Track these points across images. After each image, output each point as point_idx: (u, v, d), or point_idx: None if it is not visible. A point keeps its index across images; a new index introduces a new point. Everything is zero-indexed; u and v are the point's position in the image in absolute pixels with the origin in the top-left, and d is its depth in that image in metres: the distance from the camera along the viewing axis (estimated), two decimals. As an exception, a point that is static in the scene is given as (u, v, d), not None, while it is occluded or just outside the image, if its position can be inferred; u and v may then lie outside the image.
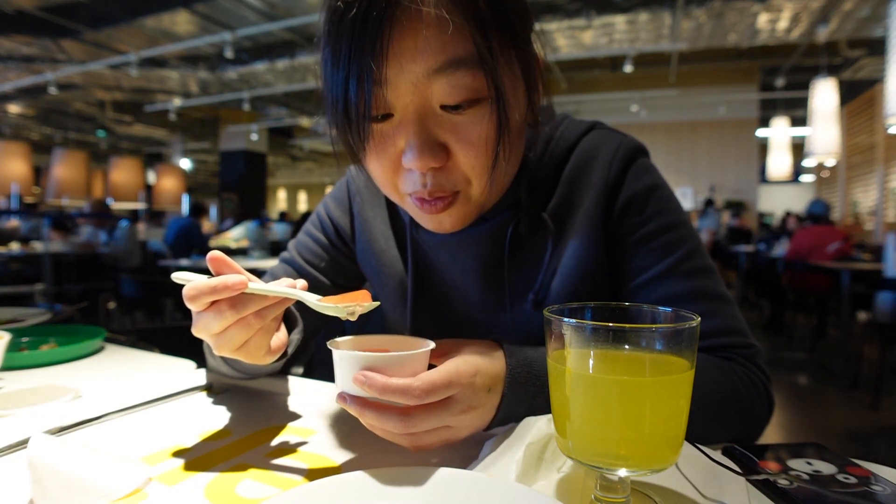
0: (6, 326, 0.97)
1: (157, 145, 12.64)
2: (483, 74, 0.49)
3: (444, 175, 0.54)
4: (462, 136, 0.52)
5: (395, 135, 0.53)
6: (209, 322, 0.46)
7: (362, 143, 0.53)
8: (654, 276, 0.63)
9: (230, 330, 0.47)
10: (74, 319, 1.28)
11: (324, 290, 0.79)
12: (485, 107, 0.51)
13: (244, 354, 0.50)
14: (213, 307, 0.46)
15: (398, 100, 0.51)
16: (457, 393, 0.46)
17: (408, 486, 0.39)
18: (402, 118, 0.52)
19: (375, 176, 0.58)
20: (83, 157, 6.36)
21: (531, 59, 0.57)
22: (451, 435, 0.48)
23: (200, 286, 0.45)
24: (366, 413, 0.45)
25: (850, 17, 5.32)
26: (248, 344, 0.49)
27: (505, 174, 0.58)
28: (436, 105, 0.51)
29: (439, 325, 0.74)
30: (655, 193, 0.65)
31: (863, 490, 0.42)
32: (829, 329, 4.94)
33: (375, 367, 0.44)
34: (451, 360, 0.48)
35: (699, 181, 9.02)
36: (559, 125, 0.70)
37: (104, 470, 0.43)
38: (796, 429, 2.84)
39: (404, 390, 0.43)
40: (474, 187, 0.56)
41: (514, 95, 0.54)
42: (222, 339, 0.47)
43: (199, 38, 6.03)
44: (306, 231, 0.82)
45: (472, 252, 0.68)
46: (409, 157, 0.51)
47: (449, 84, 0.49)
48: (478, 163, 0.53)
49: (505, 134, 0.52)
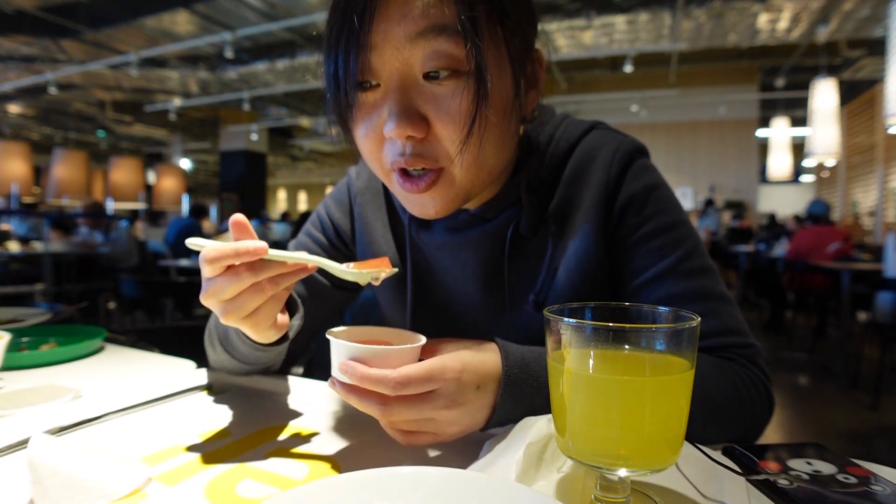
0: (6, 326, 0.97)
1: (157, 145, 12.65)
2: (464, 44, 0.50)
3: (423, 146, 0.54)
4: (441, 108, 0.52)
5: (380, 105, 0.54)
6: (223, 286, 0.47)
7: (350, 110, 0.54)
8: (653, 276, 0.63)
9: (244, 295, 0.48)
10: (74, 319, 1.28)
11: (323, 291, 0.79)
12: (465, 79, 0.52)
13: (251, 324, 0.51)
14: (230, 270, 0.47)
15: (383, 67, 0.52)
16: (440, 388, 0.47)
17: (408, 486, 0.39)
18: (386, 88, 0.53)
19: (362, 148, 0.58)
20: (83, 157, 6.36)
21: (526, 50, 0.58)
22: (436, 429, 0.49)
23: (223, 248, 0.46)
24: (350, 397, 0.47)
25: (850, 17, 5.32)
26: (257, 312, 0.50)
27: (493, 157, 0.58)
28: (418, 74, 0.52)
29: (440, 328, 0.74)
30: (655, 193, 0.65)
31: (863, 490, 0.42)
32: (829, 329, 4.94)
33: (362, 357, 0.47)
34: (438, 357, 0.48)
35: (699, 181, 9.02)
36: (559, 125, 0.70)
37: (104, 470, 0.43)
38: (796, 429, 2.84)
39: (378, 380, 0.45)
40: (455, 165, 0.55)
41: (497, 75, 0.54)
42: (233, 305, 0.48)
43: (199, 38, 6.04)
44: (306, 231, 0.82)
45: (473, 254, 0.68)
46: (389, 125, 0.52)
47: (430, 49, 0.51)
48: (456, 137, 0.53)
49: (482, 109, 0.52)
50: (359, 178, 0.79)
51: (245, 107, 8.05)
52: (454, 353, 0.49)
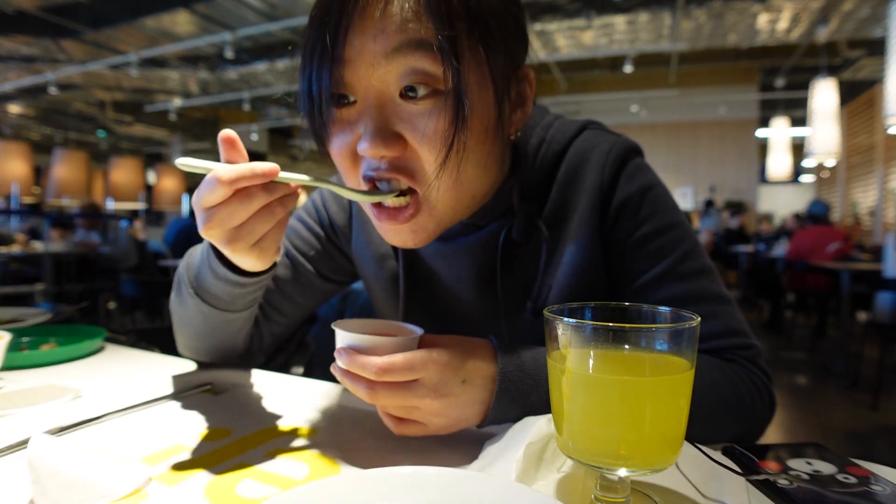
0: (6, 326, 0.97)
1: (157, 145, 12.64)
2: (441, 62, 0.48)
3: (399, 161, 0.53)
4: (417, 128, 0.51)
5: (356, 122, 0.53)
6: (234, 211, 0.47)
7: (325, 126, 0.54)
8: (651, 280, 0.62)
9: (254, 219, 0.48)
10: (74, 319, 1.28)
11: (308, 278, 0.78)
12: (443, 100, 0.50)
13: (258, 252, 0.51)
14: (242, 193, 0.46)
15: (358, 83, 0.51)
16: (422, 377, 0.48)
17: (408, 486, 0.39)
18: (362, 105, 0.52)
19: (338, 164, 0.57)
20: (83, 157, 6.35)
21: (512, 69, 0.56)
22: (423, 418, 0.50)
23: (240, 168, 0.45)
24: (343, 379, 0.50)
25: (850, 17, 5.32)
26: (266, 237, 0.50)
27: (474, 181, 0.56)
28: (395, 92, 0.51)
29: (435, 333, 0.74)
30: (650, 195, 0.64)
31: (863, 490, 0.42)
32: (829, 329, 4.94)
33: (355, 346, 0.50)
34: (426, 349, 0.50)
35: (699, 181, 9.02)
36: (550, 126, 0.68)
37: (104, 470, 0.43)
38: (796, 429, 2.84)
39: (363, 365, 0.48)
40: (433, 189, 0.53)
41: (478, 95, 0.52)
42: (244, 231, 0.48)
43: (199, 38, 6.04)
44: (298, 217, 0.80)
45: (466, 261, 0.68)
46: (363, 144, 0.51)
47: (407, 65, 0.49)
48: (432, 158, 0.51)
49: (461, 132, 0.50)
50: None
51: (245, 107, 8.04)
52: (444, 346, 0.50)
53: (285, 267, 0.77)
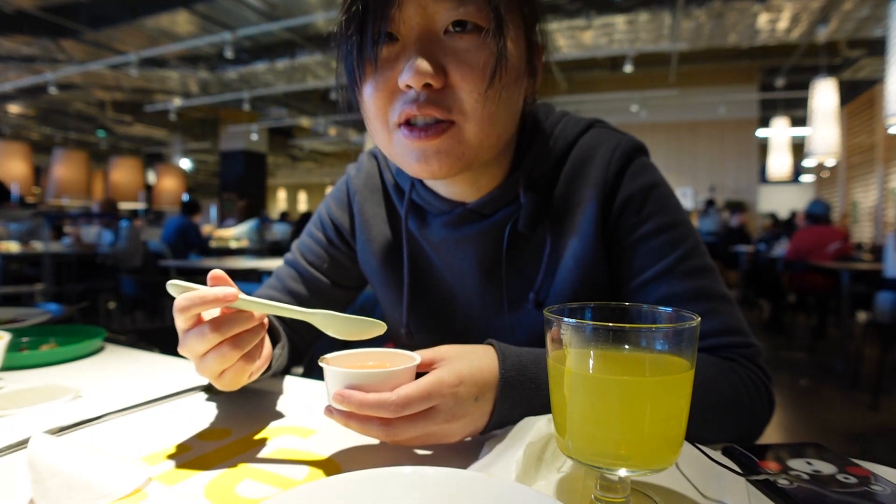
0: (6, 326, 0.97)
1: (157, 145, 12.64)
2: (486, 4, 0.52)
3: (438, 95, 0.54)
4: (461, 60, 0.53)
5: (396, 59, 0.54)
6: (192, 342, 0.47)
7: (374, 62, 0.54)
8: (653, 276, 0.63)
9: (209, 356, 0.48)
10: (74, 319, 1.28)
11: (326, 291, 0.80)
12: (485, 37, 0.53)
13: (222, 384, 0.51)
14: (198, 327, 0.47)
15: (404, 23, 0.53)
16: (439, 404, 0.47)
17: (408, 486, 0.39)
18: (405, 42, 0.54)
19: (369, 106, 0.57)
20: (83, 157, 6.36)
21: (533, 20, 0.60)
22: (437, 440, 0.50)
23: (191, 296, 0.46)
24: (350, 423, 0.47)
25: (850, 17, 5.32)
26: (224, 375, 0.50)
27: (504, 121, 0.58)
28: (439, 30, 0.53)
29: (438, 325, 0.74)
30: (654, 192, 0.65)
31: (863, 490, 0.42)
32: (829, 329, 4.94)
33: (358, 383, 0.47)
34: (434, 372, 0.48)
35: (699, 181, 9.01)
36: (558, 122, 0.70)
37: (104, 470, 0.43)
38: (796, 429, 2.84)
39: (379, 405, 0.45)
40: (469, 119, 0.55)
41: (515, 38, 0.56)
42: (203, 363, 0.48)
43: (199, 38, 6.03)
44: (308, 232, 0.83)
45: (471, 251, 0.68)
46: (407, 73, 0.52)
47: (453, 6, 0.52)
48: (474, 88, 0.53)
49: (502, 67, 0.53)
50: (357, 175, 0.79)
51: (245, 107, 8.04)
52: (450, 366, 0.49)
53: (303, 284, 0.79)
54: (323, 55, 6.34)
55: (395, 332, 0.80)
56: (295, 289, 0.78)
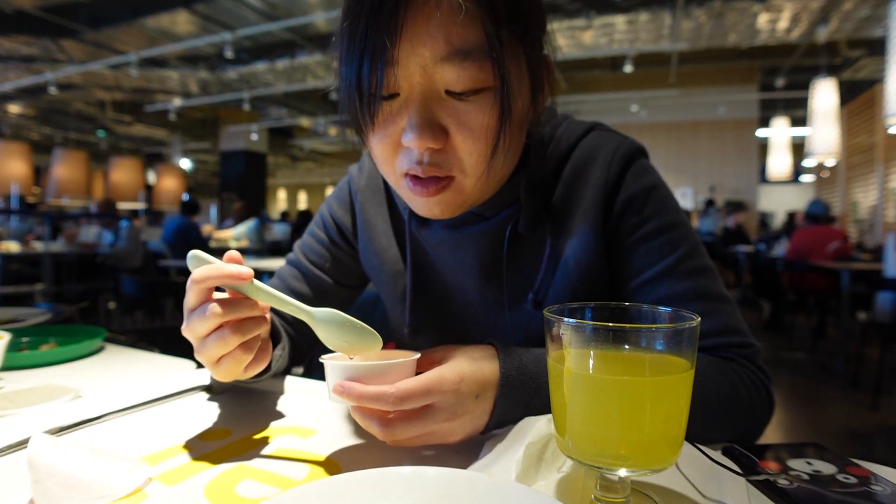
0: (6, 326, 0.97)
1: (157, 145, 12.65)
2: (490, 65, 0.50)
3: (439, 156, 0.54)
4: (463, 122, 0.52)
5: (399, 114, 0.53)
6: (196, 321, 0.48)
7: (371, 120, 0.53)
8: (653, 277, 0.63)
9: (210, 339, 0.48)
10: (74, 319, 1.28)
11: (328, 291, 0.80)
12: (489, 96, 0.52)
13: (218, 372, 0.51)
14: (202, 306, 0.48)
15: (406, 80, 0.51)
16: (438, 401, 0.47)
17: (408, 486, 0.39)
18: (407, 98, 0.53)
19: (376, 153, 0.58)
20: (83, 157, 6.35)
21: (539, 58, 0.58)
22: (437, 440, 0.49)
23: (210, 268, 0.47)
24: (354, 413, 0.48)
25: (850, 17, 5.32)
26: (220, 363, 0.49)
27: (502, 167, 0.58)
28: (441, 89, 0.52)
29: (439, 324, 0.74)
30: (654, 194, 0.65)
31: (863, 490, 0.42)
32: (829, 329, 4.94)
33: (358, 375, 0.47)
34: (436, 369, 0.48)
35: (699, 181, 9.01)
36: (559, 125, 0.70)
37: (104, 470, 0.43)
38: (796, 429, 2.84)
39: (378, 397, 0.45)
40: (468, 176, 0.55)
41: (518, 89, 0.54)
42: (203, 346, 0.49)
43: (199, 38, 6.04)
44: (310, 232, 0.83)
45: (472, 251, 0.68)
46: (409, 135, 0.52)
47: (456, 72, 0.50)
48: (476, 150, 0.53)
49: (507, 125, 0.52)
50: (360, 175, 0.80)
51: (245, 107, 8.04)
52: (451, 364, 0.49)
53: (306, 284, 0.79)
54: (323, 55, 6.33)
55: (397, 331, 0.80)
56: (298, 288, 0.78)
